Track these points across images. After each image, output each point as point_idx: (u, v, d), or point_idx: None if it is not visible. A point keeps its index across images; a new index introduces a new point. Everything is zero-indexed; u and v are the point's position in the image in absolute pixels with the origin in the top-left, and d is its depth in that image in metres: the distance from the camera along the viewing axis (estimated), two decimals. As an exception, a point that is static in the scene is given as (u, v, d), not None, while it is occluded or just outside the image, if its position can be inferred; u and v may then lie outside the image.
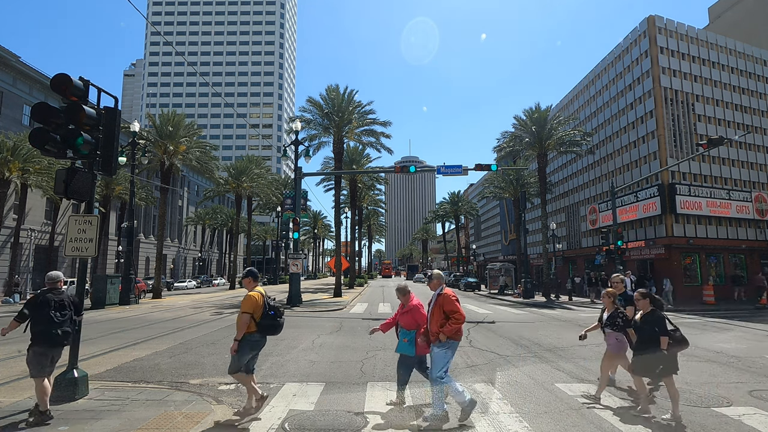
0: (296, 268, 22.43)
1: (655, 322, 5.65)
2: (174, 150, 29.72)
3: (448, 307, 5.54)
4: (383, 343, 11.25)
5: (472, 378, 7.76)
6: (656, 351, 5.53)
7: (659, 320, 5.64)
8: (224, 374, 8.05)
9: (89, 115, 6.29)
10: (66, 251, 6.65)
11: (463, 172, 22.34)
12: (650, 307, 5.82)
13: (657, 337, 5.53)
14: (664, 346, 5.49)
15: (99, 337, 12.32)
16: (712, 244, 30.54)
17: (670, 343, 5.51)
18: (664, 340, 5.50)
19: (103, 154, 6.68)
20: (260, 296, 5.75)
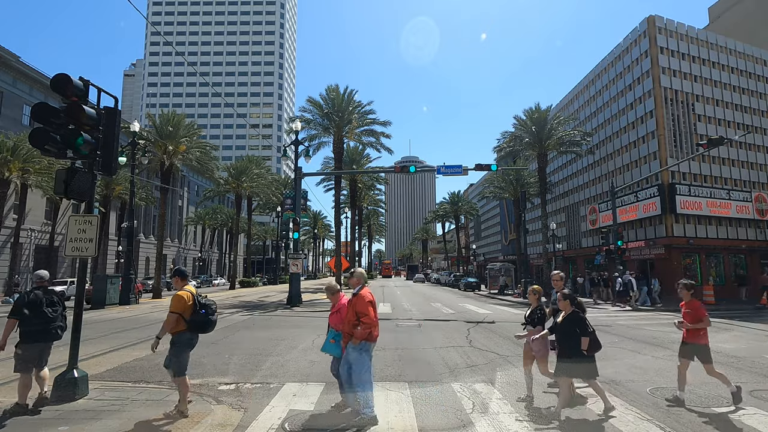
0: (296, 268, 22.44)
1: (575, 323, 5.65)
2: (174, 150, 29.71)
3: (359, 308, 5.43)
4: (383, 343, 11.25)
5: (472, 378, 7.76)
6: (577, 352, 5.52)
7: (580, 321, 5.65)
8: (225, 374, 8.06)
9: (89, 115, 6.29)
10: (66, 251, 6.66)
11: (463, 172, 22.34)
12: (572, 308, 5.81)
13: (578, 338, 5.54)
14: (584, 346, 5.48)
15: (99, 337, 12.32)
16: (712, 244, 30.54)
17: (592, 343, 5.54)
18: (585, 340, 5.50)
19: (103, 154, 6.68)
20: (189, 295, 5.66)
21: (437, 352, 10.24)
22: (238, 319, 16.86)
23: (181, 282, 5.85)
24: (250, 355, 9.85)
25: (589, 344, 5.54)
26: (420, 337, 12.58)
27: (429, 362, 9.06)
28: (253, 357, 9.65)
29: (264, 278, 65.36)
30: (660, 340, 12.40)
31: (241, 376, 7.94)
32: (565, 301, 5.87)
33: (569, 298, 5.88)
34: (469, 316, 18.49)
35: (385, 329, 14.14)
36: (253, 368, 8.55)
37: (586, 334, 5.55)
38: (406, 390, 6.85)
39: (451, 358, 9.50)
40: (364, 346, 5.46)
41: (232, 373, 8.13)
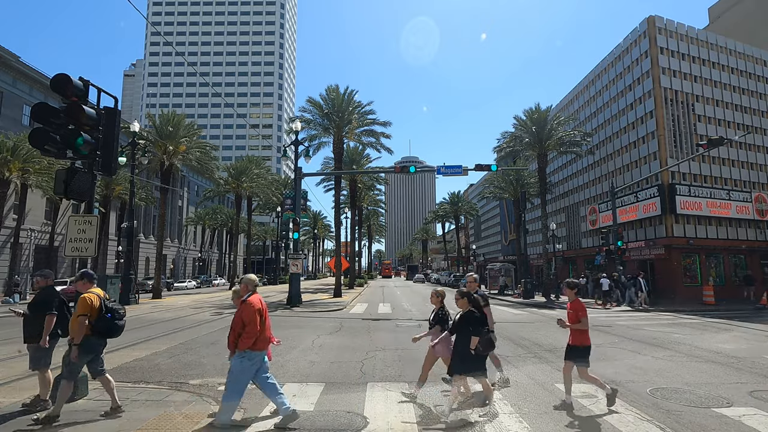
0: (296, 269, 22.43)
1: (470, 322, 5.64)
2: (174, 150, 29.72)
3: (245, 316, 5.21)
4: (384, 344, 11.26)
5: (472, 378, 7.75)
6: (467, 350, 5.55)
7: (473, 320, 5.65)
8: (224, 374, 8.03)
9: (89, 115, 6.29)
10: (66, 251, 6.65)
11: (463, 172, 22.33)
12: (469, 307, 5.80)
13: (470, 336, 5.56)
14: (472, 345, 5.49)
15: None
16: (712, 245, 30.54)
17: (482, 343, 5.53)
18: (474, 340, 5.50)
19: (103, 154, 6.69)
20: (96, 298, 5.49)
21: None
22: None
23: (88, 284, 5.66)
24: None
25: (479, 343, 5.51)
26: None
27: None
28: (253, 357, 9.64)
29: (264, 278, 65.35)
30: (660, 341, 12.39)
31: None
32: (462, 299, 5.84)
33: (466, 297, 5.85)
34: (469, 316, 18.45)
35: (385, 329, 14.13)
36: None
37: (477, 333, 5.54)
38: (407, 390, 6.85)
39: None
40: (247, 354, 5.21)
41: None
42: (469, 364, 5.65)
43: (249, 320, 5.17)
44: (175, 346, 10.88)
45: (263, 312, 5.40)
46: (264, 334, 5.37)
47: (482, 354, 5.66)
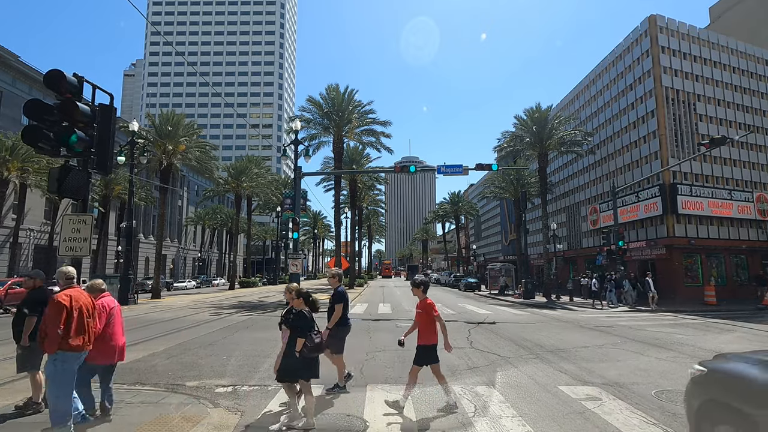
0: (296, 269, 22.30)
1: (298, 322, 5.30)
2: (173, 150, 29.61)
3: (49, 311, 4.71)
4: (384, 344, 11.14)
5: (473, 380, 7.64)
6: (293, 353, 5.21)
7: (302, 321, 5.31)
8: (222, 376, 7.94)
9: (83, 112, 6.18)
10: (60, 251, 6.54)
11: (463, 171, 22.21)
12: (304, 306, 5.45)
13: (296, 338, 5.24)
14: (298, 348, 5.16)
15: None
16: (713, 245, 30.41)
17: (307, 346, 5.19)
18: (300, 341, 5.17)
19: (98, 152, 6.58)
20: None
21: (438, 353, 10.09)
22: (237, 319, 16.74)
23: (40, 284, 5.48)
24: (248, 357, 9.73)
25: (304, 346, 5.16)
26: (420, 338, 12.46)
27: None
28: (251, 358, 9.53)
29: (264, 278, 65.25)
30: (662, 342, 12.26)
31: (238, 378, 7.82)
32: (298, 298, 5.49)
33: (302, 296, 5.51)
34: (469, 316, 18.36)
35: (385, 330, 14.00)
36: (251, 370, 8.43)
37: (303, 335, 5.20)
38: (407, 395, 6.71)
39: (452, 360, 9.38)
40: (60, 356, 4.63)
41: (230, 375, 8.01)
42: (302, 370, 5.25)
43: (54, 318, 4.57)
44: (173, 347, 10.76)
45: (83, 309, 4.85)
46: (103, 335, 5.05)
47: (309, 357, 5.23)
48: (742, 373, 3.46)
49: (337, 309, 6.87)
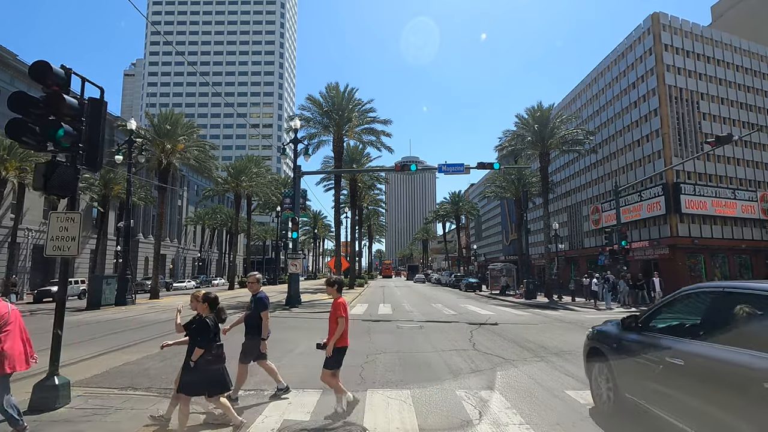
0: (295, 269, 22.07)
1: (198, 331, 4.79)
2: (172, 149, 29.35)
3: None
4: (384, 346, 10.87)
5: (477, 384, 7.37)
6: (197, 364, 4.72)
7: (203, 330, 4.77)
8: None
9: (70, 105, 5.92)
10: (47, 250, 6.27)
11: (465, 170, 21.95)
12: (209, 314, 4.92)
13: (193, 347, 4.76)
14: (194, 358, 4.68)
15: (90, 340, 11.95)
16: (716, 244, 30.16)
17: (208, 359, 4.72)
18: (198, 352, 4.67)
19: (87, 147, 6.32)
20: None
21: (440, 355, 9.84)
22: (234, 320, 16.43)
23: None
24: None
25: (202, 359, 4.68)
26: (422, 339, 12.19)
27: (432, 367, 8.67)
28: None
29: (264, 278, 64.86)
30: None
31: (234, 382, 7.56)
32: (203, 303, 4.97)
33: (208, 301, 4.98)
34: (471, 317, 18.08)
35: (386, 331, 13.75)
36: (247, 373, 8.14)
37: (202, 345, 4.70)
38: (409, 398, 6.46)
39: (455, 362, 9.12)
40: None
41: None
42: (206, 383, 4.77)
43: None
44: (167, 351, 10.49)
45: None
46: None
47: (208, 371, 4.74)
48: (603, 330, 5.96)
49: (264, 316, 6.55)
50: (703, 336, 4.15)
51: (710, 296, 4.48)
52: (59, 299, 6.27)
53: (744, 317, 3.90)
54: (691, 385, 4.03)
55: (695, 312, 4.65)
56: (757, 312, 3.77)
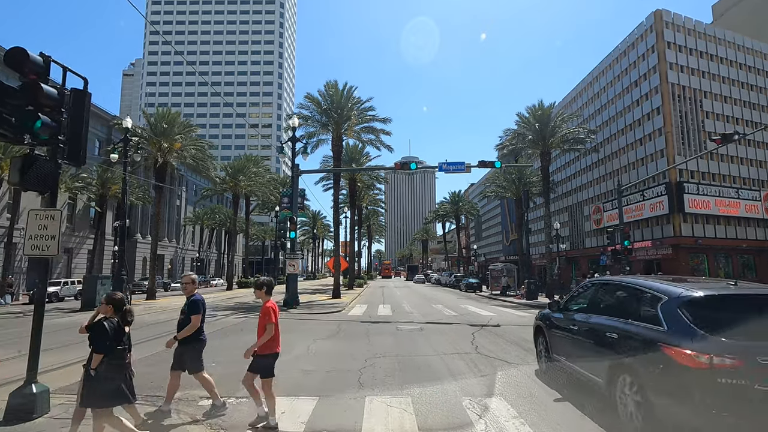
0: (293, 269, 21.72)
1: (96, 335, 4.39)
2: (169, 147, 28.97)
3: None
4: (384, 349, 10.51)
5: (481, 390, 7.00)
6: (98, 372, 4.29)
7: (101, 333, 4.34)
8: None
9: (49, 95, 5.55)
10: (25, 249, 5.90)
11: (465, 169, 21.61)
12: (113, 315, 4.53)
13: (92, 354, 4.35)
14: (93, 365, 4.27)
15: (79, 343, 11.48)
16: (720, 244, 29.81)
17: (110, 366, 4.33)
18: (97, 358, 4.27)
19: (70, 141, 5.96)
20: None
21: (442, 359, 9.48)
22: (231, 321, 16.10)
23: None
24: (238, 363, 9.04)
25: (101, 365, 4.27)
26: (422, 341, 11.83)
27: (433, 372, 8.29)
28: (242, 365, 8.78)
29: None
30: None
31: (225, 388, 7.18)
32: (108, 305, 4.53)
33: (113, 302, 4.56)
34: (472, 318, 17.72)
35: (385, 333, 13.37)
36: (240, 379, 7.77)
37: (101, 349, 4.29)
38: (410, 406, 6.10)
39: (457, 366, 8.76)
40: None
41: (216, 385, 7.36)
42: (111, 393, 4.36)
43: None
44: (160, 352, 10.07)
45: None
46: None
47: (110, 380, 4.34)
48: (543, 312, 7.86)
49: (194, 320, 5.96)
50: (589, 310, 6.55)
51: (595, 286, 6.98)
52: (38, 300, 5.90)
53: (606, 297, 6.39)
54: (580, 341, 6.30)
55: (590, 296, 6.92)
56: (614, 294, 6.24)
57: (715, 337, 4.33)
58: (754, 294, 5.07)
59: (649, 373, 4.73)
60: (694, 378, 4.20)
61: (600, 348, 5.71)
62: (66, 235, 43.00)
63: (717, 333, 4.37)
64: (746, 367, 4.06)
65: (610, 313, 5.87)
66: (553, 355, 7.34)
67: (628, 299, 5.80)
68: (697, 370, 4.20)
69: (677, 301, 4.86)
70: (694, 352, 4.25)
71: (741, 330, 4.42)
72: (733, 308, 4.79)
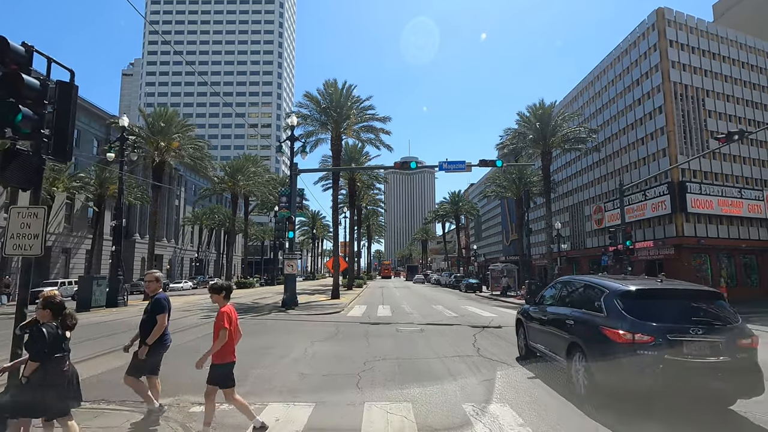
0: (291, 269, 21.44)
1: (32, 340, 4.05)
2: (166, 146, 28.68)
3: None
4: (383, 352, 10.22)
5: (485, 395, 6.72)
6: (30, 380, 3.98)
7: (37, 340, 4.01)
8: (199, 392, 7.02)
9: (30, 86, 5.28)
10: (6, 249, 5.62)
11: (466, 168, 21.33)
12: (51, 320, 4.17)
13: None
14: (26, 372, 3.96)
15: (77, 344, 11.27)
16: (722, 244, 29.51)
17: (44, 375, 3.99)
18: (31, 366, 3.95)
19: (55, 135, 5.68)
20: None
21: (443, 362, 9.19)
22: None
23: None
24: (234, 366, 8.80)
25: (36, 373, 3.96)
26: (423, 344, 11.55)
27: (435, 376, 8.00)
28: (236, 369, 8.59)
29: (262, 279, 64.40)
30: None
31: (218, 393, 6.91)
32: (44, 310, 4.20)
33: (50, 307, 4.22)
34: (473, 319, 17.45)
35: (385, 335, 13.08)
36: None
37: (35, 357, 3.95)
38: (411, 413, 5.82)
39: (459, 370, 8.47)
40: None
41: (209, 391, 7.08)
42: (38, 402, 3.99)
43: None
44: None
45: None
46: None
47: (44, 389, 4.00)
48: (523, 307, 9.40)
49: (161, 320, 5.53)
50: (558, 302, 7.87)
51: (561, 283, 8.30)
52: (20, 302, 5.60)
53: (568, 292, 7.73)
54: (551, 328, 7.59)
55: (556, 292, 8.23)
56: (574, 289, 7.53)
57: (638, 320, 5.73)
58: (670, 288, 6.45)
59: (593, 349, 6.09)
60: (622, 351, 5.60)
61: (562, 332, 7.11)
62: (64, 235, 42.70)
63: (641, 317, 5.77)
64: (658, 342, 5.47)
65: (570, 305, 7.36)
66: (530, 343, 8.89)
67: (583, 293, 7.21)
68: (624, 344, 5.61)
69: (614, 294, 6.27)
70: (623, 331, 5.68)
71: (658, 315, 5.80)
72: (654, 299, 6.20)
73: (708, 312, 5.97)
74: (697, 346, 5.51)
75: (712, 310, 6.05)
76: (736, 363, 5.56)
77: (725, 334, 5.67)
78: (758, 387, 5.50)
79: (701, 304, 6.13)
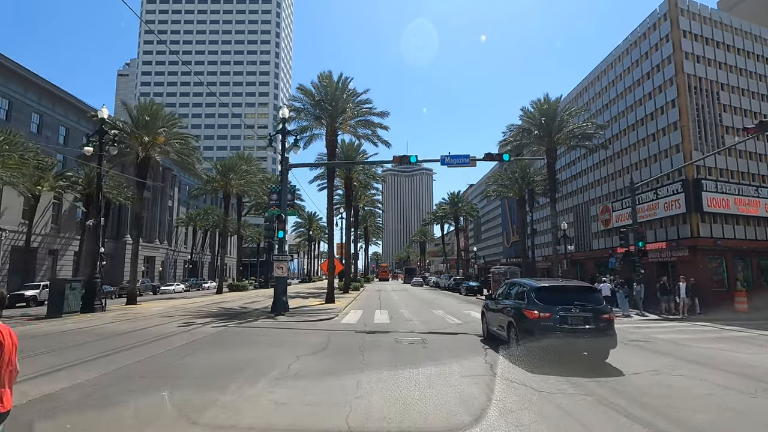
0: (281, 271, 19.81)
1: None
2: (151, 141, 27.04)
3: None
4: (380, 371, 8.54)
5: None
6: None
7: None
8: (147, 425, 5.42)
9: None
10: None
11: (470, 162, 19.78)
12: None
13: None
14: None
15: (20, 359, 9.61)
16: (738, 246, 27.93)
17: None
18: None
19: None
20: None
21: (451, 386, 7.57)
22: (206, 332, 14.13)
23: None
24: (197, 390, 7.18)
25: None
26: (426, 360, 9.90)
27: (444, 408, 6.35)
28: (201, 393, 6.97)
29: (256, 282, 62.77)
30: (730, 364, 9.81)
31: (170, 429, 5.31)
32: None
33: None
34: (478, 327, 15.76)
35: (382, 346, 11.37)
36: (194, 413, 5.85)
37: None
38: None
39: (472, 396, 6.85)
40: None
41: (160, 426, 5.47)
42: None
43: None
44: (104, 375, 8.19)
45: None
46: None
47: None
48: (485, 302, 13.65)
49: None
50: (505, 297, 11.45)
51: (508, 284, 12.11)
52: None
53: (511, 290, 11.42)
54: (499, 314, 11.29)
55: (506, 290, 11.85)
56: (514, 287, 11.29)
57: (543, 304, 9.44)
58: (564, 284, 10.50)
59: (519, 323, 9.78)
60: (533, 324, 9.37)
61: (506, 316, 10.71)
62: (51, 236, 41.06)
63: (544, 303, 9.48)
64: (553, 317, 9.19)
65: (512, 298, 10.90)
66: (487, 327, 12.69)
67: (518, 290, 10.76)
68: (535, 320, 9.36)
69: (531, 289, 10.01)
70: (534, 311, 9.42)
71: (554, 300, 9.51)
72: (553, 291, 9.89)
73: (586, 298, 9.58)
74: (576, 318, 9.17)
75: (588, 298, 9.66)
76: (599, 328, 9.21)
77: (593, 311, 9.29)
78: (612, 341, 9.35)
79: (582, 294, 9.78)
